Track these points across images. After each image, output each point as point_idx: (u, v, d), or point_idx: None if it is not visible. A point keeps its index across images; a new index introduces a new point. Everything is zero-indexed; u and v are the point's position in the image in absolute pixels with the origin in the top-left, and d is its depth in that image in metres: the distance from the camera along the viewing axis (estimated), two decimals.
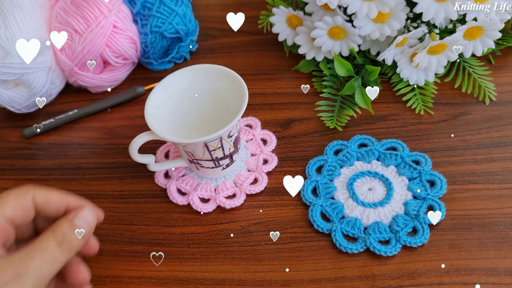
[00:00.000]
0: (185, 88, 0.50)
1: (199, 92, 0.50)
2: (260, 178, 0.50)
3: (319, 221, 0.46)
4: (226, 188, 0.50)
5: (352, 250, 0.44)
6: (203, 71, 0.50)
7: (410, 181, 0.48)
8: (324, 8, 0.56)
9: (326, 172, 0.50)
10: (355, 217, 0.46)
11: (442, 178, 0.48)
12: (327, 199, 0.48)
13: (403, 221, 0.45)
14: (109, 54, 0.58)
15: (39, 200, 0.38)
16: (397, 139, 0.52)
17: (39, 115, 0.61)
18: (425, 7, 0.52)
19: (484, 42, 0.54)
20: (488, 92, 0.55)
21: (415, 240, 0.44)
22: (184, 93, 0.50)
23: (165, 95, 0.49)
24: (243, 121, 0.56)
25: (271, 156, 0.52)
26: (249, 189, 0.50)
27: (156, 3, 0.60)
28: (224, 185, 0.50)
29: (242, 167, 0.52)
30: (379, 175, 0.49)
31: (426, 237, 0.44)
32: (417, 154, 0.50)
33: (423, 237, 0.44)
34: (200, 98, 0.51)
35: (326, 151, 0.52)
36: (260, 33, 0.66)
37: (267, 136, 0.54)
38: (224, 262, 0.45)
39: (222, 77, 0.49)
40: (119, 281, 0.45)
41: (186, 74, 0.50)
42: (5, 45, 0.53)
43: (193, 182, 0.51)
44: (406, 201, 0.47)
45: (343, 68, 0.54)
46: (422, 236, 0.44)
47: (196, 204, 0.49)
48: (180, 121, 0.50)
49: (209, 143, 0.45)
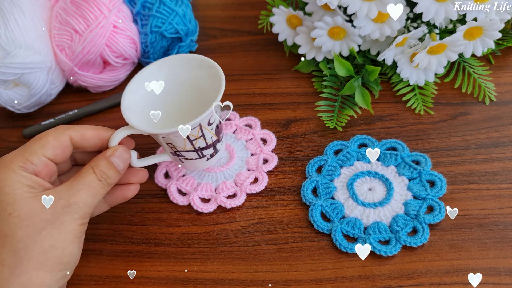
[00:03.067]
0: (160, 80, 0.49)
1: (176, 83, 0.49)
2: (260, 178, 0.50)
3: (319, 221, 0.46)
4: (226, 188, 0.50)
5: (353, 250, 0.44)
6: (178, 62, 0.49)
7: (410, 181, 0.48)
8: (324, 8, 0.56)
9: (326, 172, 0.50)
10: (355, 217, 0.46)
11: (442, 178, 0.48)
12: (327, 199, 0.48)
13: (403, 221, 0.45)
14: (109, 54, 0.58)
15: (76, 138, 0.43)
16: (397, 139, 0.52)
17: (39, 115, 0.61)
18: (425, 7, 0.52)
19: (484, 42, 0.54)
20: (488, 92, 0.55)
21: (415, 240, 0.44)
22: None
23: (142, 89, 0.48)
24: (243, 121, 0.56)
25: (271, 156, 0.52)
26: (250, 189, 0.50)
27: (156, 3, 0.60)
28: (224, 184, 0.50)
29: (243, 166, 0.52)
30: (379, 175, 0.49)
31: (426, 237, 0.44)
32: (417, 154, 0.50)
33: (423, 237, 0.44)
34: (178, 89, 0.50)
35: (326, 151, 0.52)
36: (260, 33, 0.66)
37: (267, 135, 0.54)
38: (224, 262, 0.45)
39: (198, 66, 0.48)
40: (119, 281, 0.45)
41: (160, 66, 0.49)
42: (5, 45, 0.53)
43: (193, 182, 0.51)
44: (406, 201, 0.47)
45: (343, 68, 0.54)
46: (422, 236, 0.44)
47: (196, 204, 0.49)
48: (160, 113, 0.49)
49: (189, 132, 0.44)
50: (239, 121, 0.56)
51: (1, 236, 0.38)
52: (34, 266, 0.38)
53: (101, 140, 0.44)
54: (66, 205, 0.39)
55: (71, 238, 0.39)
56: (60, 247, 0.39)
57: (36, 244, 0.38)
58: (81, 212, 0.40)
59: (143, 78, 0.48)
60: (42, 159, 0.41)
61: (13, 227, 0.38)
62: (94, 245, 0.48)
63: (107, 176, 0.42)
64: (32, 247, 0.38)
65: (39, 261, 0.38)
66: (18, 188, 0.39)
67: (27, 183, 0.40)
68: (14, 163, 0.40)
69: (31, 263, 0.38)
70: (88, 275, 0.46)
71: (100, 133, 0.44)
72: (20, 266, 0.37)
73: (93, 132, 0.44)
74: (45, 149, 0.41)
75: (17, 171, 0.40)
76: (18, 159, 0.40)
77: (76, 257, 0.41)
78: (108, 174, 0.42)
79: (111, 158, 0.43)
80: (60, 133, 0.42)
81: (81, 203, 0.40)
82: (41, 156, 0.41)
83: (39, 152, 0.41)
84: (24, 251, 0.38)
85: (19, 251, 0.38)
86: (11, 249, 0.38)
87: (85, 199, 0.40)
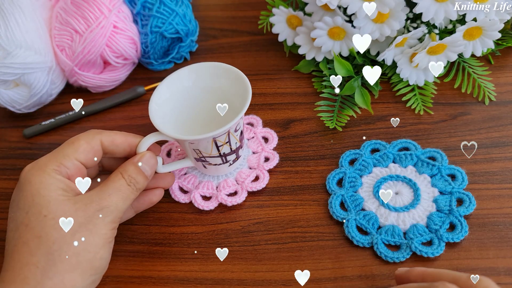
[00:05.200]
0: (188, 86, 0.50)
1: (202, 89, 0.51)
2: (261, 176, 0.51)
3: (357, 236, 0.45)
4: (227, 186, 0.50)
5: (399, 259, 0.43)
6: (207, 69, 0.50)
7: (431, 177, 0.48)
8: (324, 8, 0.56)
9: (348, 184, 0.48)
10: (392, 224, 0.45)
11: (461, 170, 0.48)
12: (358, 212, 0.47)
13: (439, 219, 0.45)
14: (109, 54, 0.58)
15: (106, 143, 0.44)
16: (406, 139, 0.51)
17: (40, 115, 0.61)
18: (425, 7, 0.52)
19: (484, 42, 0.54)
20: (487, 92, 0.55)
21: (457, 235, 0.43)
22: (187, 91, 0.50)
23: (169, 93, 0.49)
24: (245, 119, 0.56)
25: (273, 154, 0.52)
26: (251, 187, 0.50)
27: (156, 3, 0.60)
28: (225, 182, 0.50)
29: (244, 164, 0.52)
30: (401, 177, 0.48)
31: (466, 230, 0.44)
32: (431, 151, 0.50)
33: (463, 230, 0.44)
34: (203, 95, 0.51)
35: (341, 163, 0.50)
36: (260, 33, 0.66)
37: (268, 134, 0.54)
38: (224, 262, 0.45)
39: (225, 75, 0.49)
40: (119, 281, 0.45)
41: (189, 72, 0.50)
42: (5, 45, 0.53)
43: (195, 180, 0.51)
44: (435, 198, 0.46)
45: (343, 68, 0.54)
46: (463, 230, 0.44)
47: (198, 202, 0.49)
48: (183, 119, 0.50)
49: (217, 138, 0.45)
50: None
51: (36, 237, 0.38)
52: (67, 269, 0.38)
53: (130, 146, 0.45)
54: (98, 208, 0.40)
55: (103, 242, 0.40)
56: (92, 251, 0.39)
57: (70, 247, 0.38)
58: (112, 216, 0.41)
59: (172, 82, 0.49)
60: (75, 163, 0.42)
61: (48, 229, 0.38)
62: None
63: (135, 181, 0.43)
64: (66, 249, 0.38)
65: (71, 264, 0.38)
66: (53, 191, 0.40)
67: (61, 186, 0.40)
68: (49, 167, 0.41)
69: (64, 265, 0.38)
70: None
71: (129, 139, 0.45)
72: (53, 268, 0.38)
73: (122, 138, 0.45)
74: (78, 153, 0.42)
75: (52, 174, 0.40)
76: (53, 163, 0.41)
77: (106, 262, 0.41)
78: (136, 179, 0.43)
79: (139, 163, 0.43)
80: (92, 137, 0.43)
81: (112, 207, 0.41)
82: (73, 159, 0.42)
83: (72, 156, 0.42)
84: (58, 253, 0.38)
85: (53, 253, 0.38)
86: (45, 251, 0.38)
87: (116, 203, 0.41)
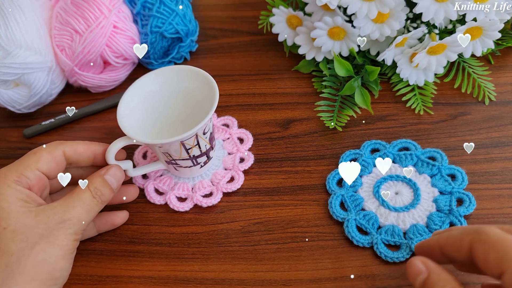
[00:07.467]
0: (156, 90, 0.50)
1: (171, 93, 0.51)
2: (236, 177, 0.51)
3: (357, 236, 0.45)
4: (203, 187, 0.50)
5: (399, 259, 0.43)
6: (173, 72, 0.50)
7: (431, 177, 0.48)
8: (324, 8, 0.56)
9: (347, 184, 0.49)
10: (392, 224, 0.45)
11: (461, 170, 0.48)
12: (358, 212, 0.47)
13: (439, 219, 0.45)
14: (109, 54, 0.58)
15: (69, 153, 0.44)
16: (406, 139, 0.51)
17: (40, 115, 0.61)
18: (425, 8, 0.52)
19: (484, 42, 0.54)
20: (487, 92, 0.55)
21: None
22: (155, 95, 0.50)
23: (137, 99, 0.49)
24: (220, 121, 0.56)
25: (248, 155, 0.52)
26: (226, 187, 0.50)
27: (156, 3, 0.60)
28: (201, 184, 0.51)
29: (219, 165, 0.52)
30: (401, 177, 0.48)
31: None
32: (431, 150, 0.50)
33: None
34: (172, 99, 0.51)
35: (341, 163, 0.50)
36: (260, 33, 0.66)
37: (243, 135, 0.55)
38: (224, 262, 0.45)
39: (192, 77, 0.49)
40: (119, 281, 0.45)
41: (156, 76, 0.50)
42: (5, 45, 0.53)
43: (170, 182, 0.51)
44: (435, 198, 0.46)
45: (343, 68, 0.54)
46: None
47: (173, 203, 0.49)
48: (153, 123, 0.50)
49: (185, 141, 0.45)
50: (216, 121, 0.56)
51: None
52: (26, 280, 0.38)
53: (93, 154, 0.45)
54: (61, 220, 0.40)
55: (63, 253, 0.40)
56: (52, 262, 0.39)
57: (29, 258, 0.38)
58: (75, 228, 0.41)
59: (139, 87, 0.49)
60: (36, 173, 0.42)
61: (7, 241, 0.38)
62: (95, 245, 0.48)
63: (101, 194, 0.43)
64: (24, 261, 0.38)
65: (30, 275, 0.38)
66: (13, 203, 0.39)
67: (21, 197, 0.40)
68: (9, 177, 0.40)
69: (23, 277, 0.38)
70: (89, 275, 0.46)
71: (92, 148, 0.45)
72: (11, 280, 0.37)
73: (84, 147, 0.45)
74: (39, 163, 0.42)
75: (12, 185, 0.40)
76: (13, 173, 0.41)
77: (67, 273, 0.41)
78: (102, 191, 0.43)
79: (105, 176, 0.44)
80: (54, 148, 0.43)
81: (75, 219, 0.41)
82: (35, 170, 0.42)
83: (33, 166, 0.42)
84: (17, 264, 0.38)
85: (11, 265, 0.38)
86: (3, 262, 0.38)
87: (80, 215, 0.41)
